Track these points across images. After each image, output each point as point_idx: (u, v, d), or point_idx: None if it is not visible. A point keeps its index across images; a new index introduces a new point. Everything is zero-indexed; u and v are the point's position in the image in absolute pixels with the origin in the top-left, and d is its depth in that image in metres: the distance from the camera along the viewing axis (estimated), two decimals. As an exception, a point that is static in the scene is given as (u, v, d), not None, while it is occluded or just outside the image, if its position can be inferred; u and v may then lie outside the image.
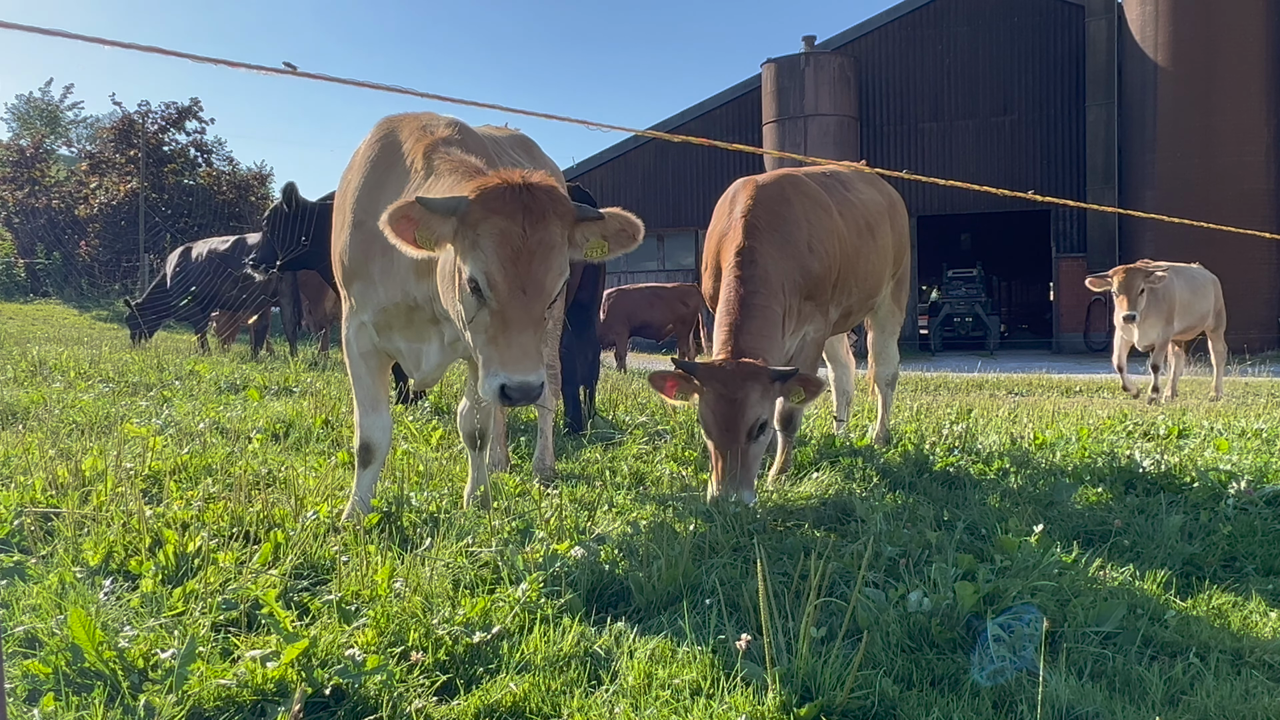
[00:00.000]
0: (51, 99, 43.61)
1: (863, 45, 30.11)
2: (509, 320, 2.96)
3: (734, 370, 4.11)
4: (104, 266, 29.08)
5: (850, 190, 5.53)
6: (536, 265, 2.97)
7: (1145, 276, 10.45)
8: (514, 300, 2.95)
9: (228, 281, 12.92)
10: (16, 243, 30.14)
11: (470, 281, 3.01)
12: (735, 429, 4.07)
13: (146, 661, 2.34)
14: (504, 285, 2.95)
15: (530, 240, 2.96)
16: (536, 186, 3.01)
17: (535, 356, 2.99)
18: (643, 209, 13.42)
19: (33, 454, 4.30)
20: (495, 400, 2.99)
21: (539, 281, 2.98)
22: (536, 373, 2.98)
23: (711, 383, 4.12)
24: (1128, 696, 2.40)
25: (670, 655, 2.52)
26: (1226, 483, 4.37)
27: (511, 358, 2.96)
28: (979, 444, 5.82)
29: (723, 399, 4.07)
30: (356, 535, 3.28)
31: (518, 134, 5.04)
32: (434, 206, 3.02)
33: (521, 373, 2.95)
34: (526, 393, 2.96)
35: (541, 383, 3.00)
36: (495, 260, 2.95)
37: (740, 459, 4.06)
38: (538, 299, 2.98)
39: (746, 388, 4.07)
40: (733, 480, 4.02)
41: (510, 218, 2.96)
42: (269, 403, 6.73)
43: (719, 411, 4.08)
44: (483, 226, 2.97)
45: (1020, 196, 4.94)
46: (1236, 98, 24.25)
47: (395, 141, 3.67)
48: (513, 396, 2.96)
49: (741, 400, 4.06)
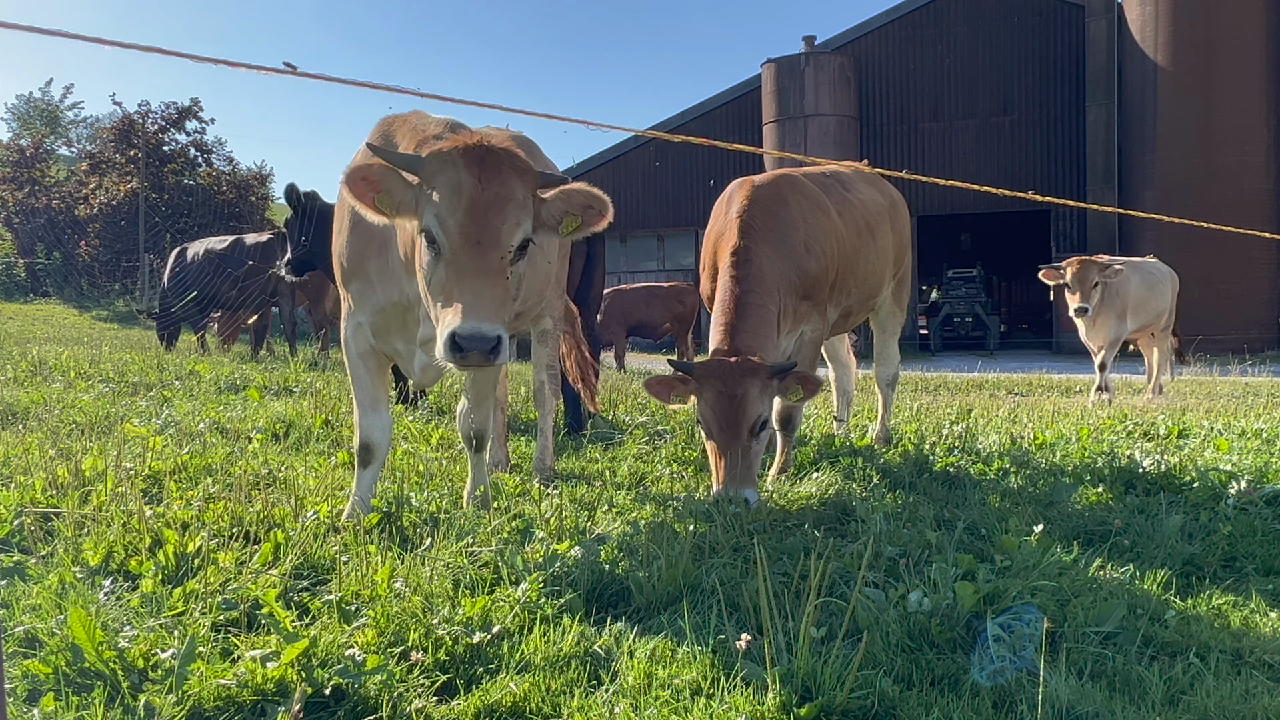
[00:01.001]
0: (51, 99, 43.66)
1: (863, 45, 30.11)
2: (462, 270, 2.88)
3: (732, 367, 4.10)
4: (104, 266, 29.09)
5: (850, 190, 5.53)
6: (492, 215, 2.92)
7: (1101, 269, 10.13)
8: (468, 248, 2.89)
9: (226, 282, 12.91)
10: (16, 243, 30.15)
11: (425, 233, 2.97)
12: (737, 427, 4.06)
13: (146, 661, 2.34)
14: (457, 232, 2.90)
15: (486, 191, 2.92)
16: (494, 146, 3.00)
17: (490, 306, 2.84)
18: (643, 209, 13.58)
19: (33, 454, 4.30)
20: (447, 355, 2.81)
21: (494, 231, 2.92)
22: (491, 323, 2.80)
23: (710, 381, 4.11)
24: (1128, 696, 2.40)
25: (670, 655, 2.52)
26: (1226, 483, 4.37)
27: (465, 305, 2.82)
28: (979, 444, 5.82)
29: (722, 396, 4.06)
30: (356, 535, 3.28)
31: (519, 135, 5.04)
32: (391, 159, 3.00)
33: (474, 319, 2.79)
34: (479, 341, 2.77)
35: (498, 335, 2.80)
36: (448, 207, 2.92)
37: (742, 457, 4.06)
38: (493, 248, 2.91)
39: (745, 384, 4.06)
40: (735, 479, 4.02)
41: (465, 169, 2.94)
42: (269, 403, 6.73)
43: (719, 409, 4.07)
44: (438, 179, 2.96)
45: (1020, 196, 4.94)
46: (1236, 98, 24.26)
47: (391, 144, 3.67)
48: (463, 345, 2.77)
49: (741, 397, 4.05)
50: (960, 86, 29.42)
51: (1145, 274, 11.28)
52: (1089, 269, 10.12)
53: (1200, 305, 23.76)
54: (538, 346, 5.26)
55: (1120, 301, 10.64)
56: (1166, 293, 11.54)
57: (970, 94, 29.35)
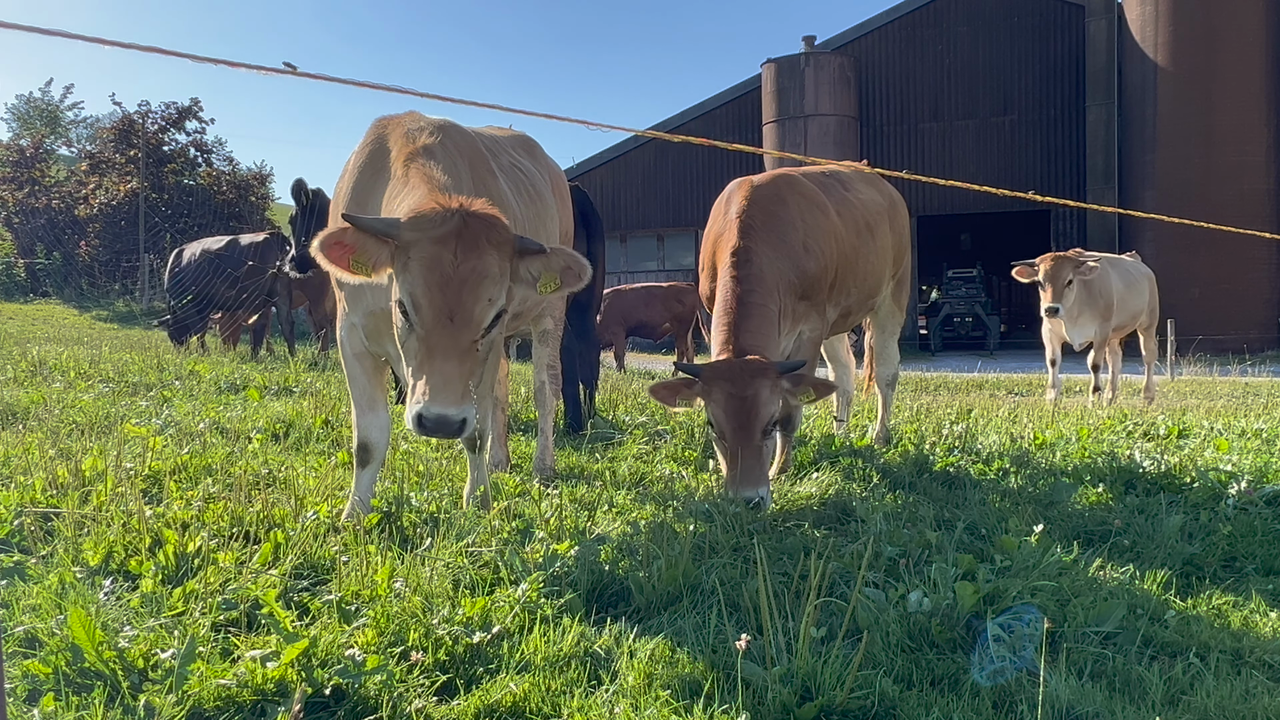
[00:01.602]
0: (51, 99, 43.69)
1: (863, 45, 30.13)
2: (433, 348, 2.87)
3: (741, 368, 4.09)
4: (104, 266, 29.09)
5: (849, 190, 5.53)
6: (466, 293, 2.88)
7: (1075, 266, 9.66)
8: (439, 327, 2.87)
9: (224, 282, 12.92)
10: (16, 243, 30.16)
11: (399, 304, 2.95)
12: (749, 427, 4.04)
13: (146, 661, 2.34)
14: (429, 310, 2.88)
15: (461, 267, 2.88)
16: (473, 214, 2.95)
17: (458, 389, 2.85)
18: (643, 209, 13.57)
19: (33, 454, 4.30)
20: (413, 429, 2.87)
21: (467, 310, 2.88)
22: (458, 407, 2.83)
23: (719, 383, 4.09)
24: (1128, 696, 2.40)
25: (670, 655, 2.52)
26: (1226, 483, 4.37)
27: (432, 388, 2.84)
28: (979, 444, 5.82)
29: (734, 398, 4.04)
30: (356, 535, 3.28)
31: (520, 135, 5.04)
32: (366, 227, 2.97)
33: (440, 404, 2.82)
34: (443, 426, 2.82)
35: (463, 419, 2.84)
36: (421, 284, 2.88)
37: (754, 457, 4.05)
38: (465, 328, 2.89)
39: (756, 385, 4.05)
40: (750, 479, 4.00)
41: (441, 243, 2.89)
42: (269, 403, 6.73)
43: (731, 411, 4.05)
44: (413, 250, 2.91)
45: (1020, 196, 4.94)
46: (1236, 98, 24.27)
47: (384, 148, 3.67)
48: (427, 427, 2.83)
49: (753, 398, 4.04)
50: (960, 86, 29.44)
51: (1123, 271, 10.95)
52: (1062, 266, 9.68)
53: (1200, 305, 23.82)
54: (538, 346, 5.25)
55: (1103, 301, 10.30)
56: (1144, 291, 11.20)
57: (970, 94, 29.37)
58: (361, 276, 3.04)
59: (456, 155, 3.72)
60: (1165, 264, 24.80)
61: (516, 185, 4.30)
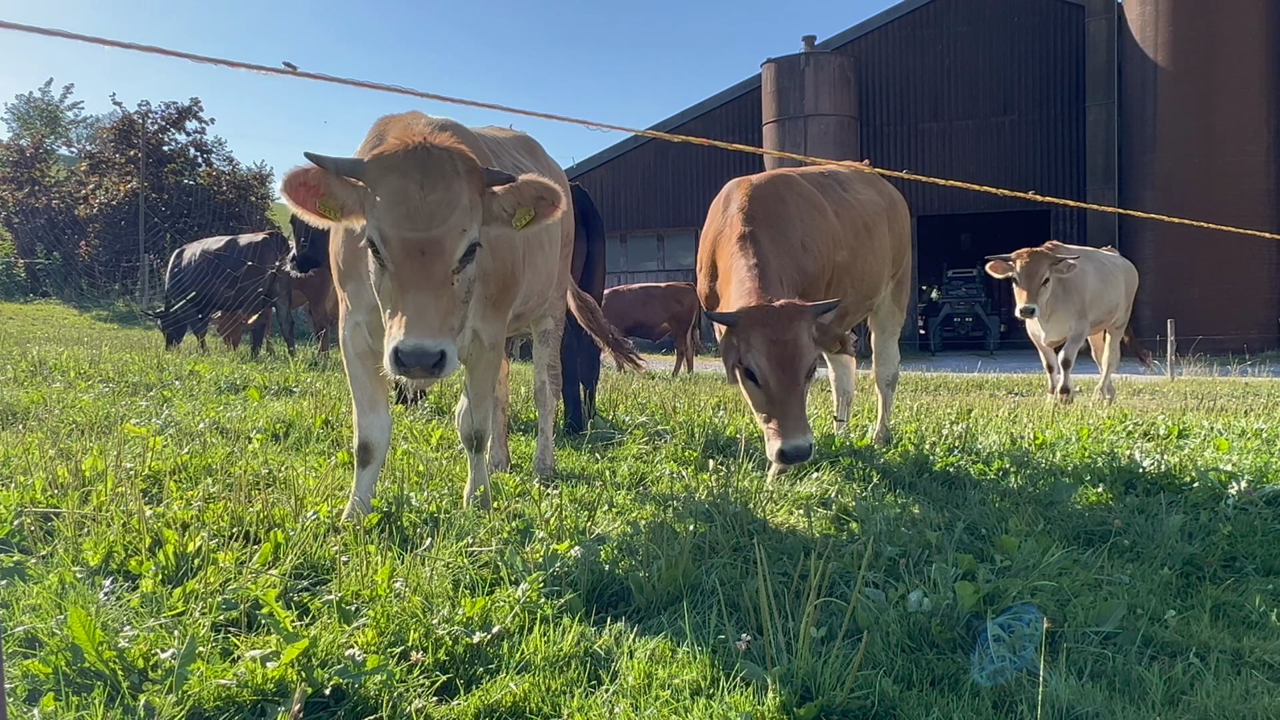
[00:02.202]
0: (51, 99, 43.71)
1: (863, 45, 30.13)
2: (405, 282, 2.83)
3: (778, 311, 4.02)
4: (104, 266, 29.10)
5: (848, 191, 5.53)
6: (435, 224, 2.84)
7: (1053, 264, 9.16)
8: (409, 260, 2.83)
9: (223, 282, 12.93)
10: (16, 243, 30.17)
11: (369, 243, 2.92)
12: (795, 370, 3.98)
13: (146, 661, 2.34)
14: (398, 244, 2.84)
15: (429, 198, 2.85)
16: (436, 146, 2.93)
17: (434, 321, 2.78)
18: (643, 209, 13.55)
19: (33, 454, 4.30)
20: (391, 369, 2.79)
21: (437, 241, 2.85)
22: (435, 338, 2.75)
23: (758, 329, 4.02)
24: (1128, 696, 2.40)
25: (670, 655, 2.52)
26: (1226, 483, 4.37)
27: (408, 319, 2.77)
28: (979, 444, 5.82)
29: (775, 343, 3.98)
30: (356, 535, 3.28)
31: (521, 135, 5.04)
32: (330, 165, 2.94)
33: (416, 334, 2.74)
34: (420, 357, 2.74)
35: (441, 351, 2.76)
36: (389, 218, 2.85)
37: (801, 403, 4.00)
38: (437, 259, 2.84)
39: (796, 327, 4.00)
40: (798, 428, 3.96)
41: (405, 175, 2.86)
42: (269, 403, 6.73)
43: (774, 355, 3.98)
44: (379, 185, 2.89)
45: (1020, 196, 4.94)
46: (1236, 98, 24.28)
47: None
48: (404, 361, 2.74)
49: (794, 340, 3.99)
50: (960, 86, 29.44)
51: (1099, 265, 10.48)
52: (1038, 263, 9.12)
53: (1200, 305, 23.83)
54: (539, 346, 5.25)
55: (1078, 297, 9.81)
56: (1119, 285, 10.67)
57: (970, 94, 29.37)
58: (330, 221, 3.00)
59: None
60: (1165, 264, 24.88)
61: None
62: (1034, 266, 9.09)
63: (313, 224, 3.05)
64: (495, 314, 3.87)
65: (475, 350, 3.89)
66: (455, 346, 2.87)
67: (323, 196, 2.97)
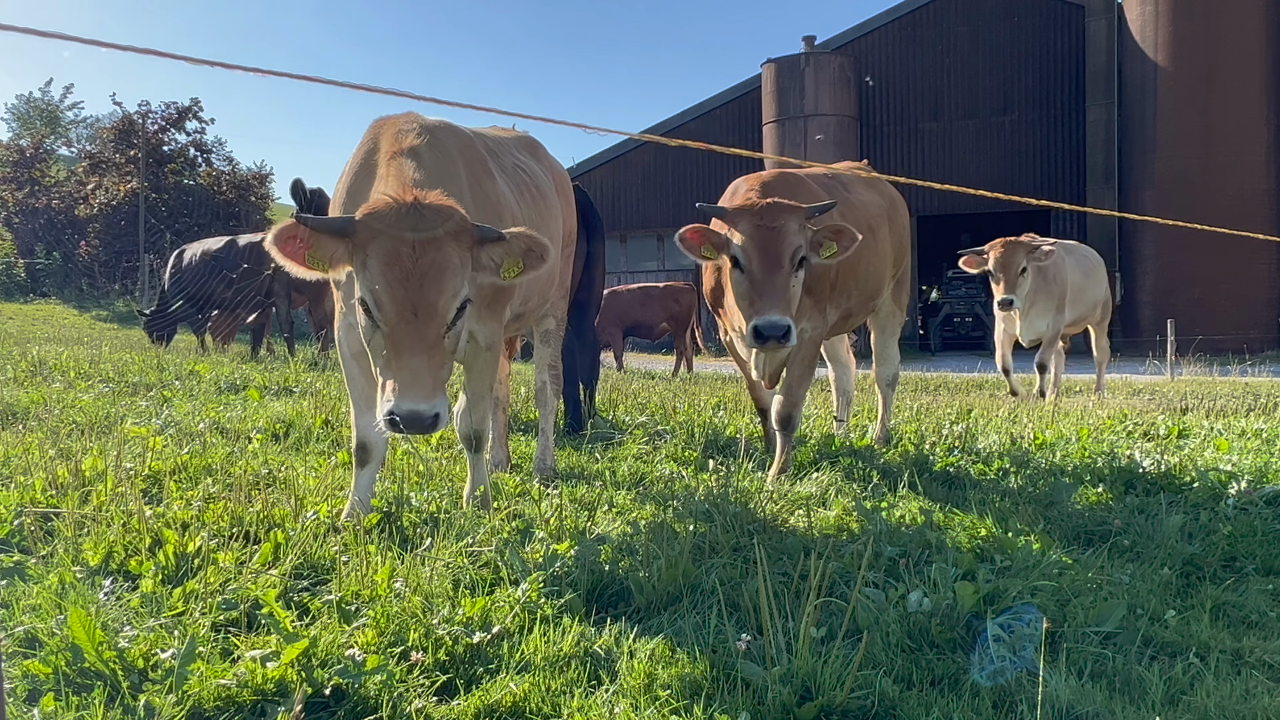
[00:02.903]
0: (51, 99, 43.71)
1: (863, 45, 30.12)
2: (398, 344, 2.85)
3: (769, 204, 4.09)
4: (104, 266, 29.11)
5: (850, 192, 5.53)
6: (428, 287, 2.86)
7: (1029, 252, 8.74)
8: (403, 323, 2.85)
9: (222, 282, 12.94)
10: (16, 243, 30.18)
11: (361, 303, 2.94)
12: (778, 255, 4.02)
13: (146, 661, 2.34)
14: (391, 307, 2.86)
15: (421, 261, 2.86)
16: (427, 206, 2.94)
17: (428, 384, 2.83)
18: (643, 209, 13.55)
19: (33, 454, 4.30)
20: (386, 430, 2.84)
21: (430, 304, 2.86)
22: (429, 401, 2.81)
23: (747, 217, 4.09)
24: (1128, 696, 2.40)
25: (670, 655, 2.52)
26: (1226, 483, 4.37)
27: (401, 384, 2.81)
28: (979, 444, 5.82)
29: (761, 229, 4.05)
30: (356, 535, 3.28)
31: (524, 136, 5.04)
32: (319, 226, 2.95)
33: (411, 400, 2.79)
34: (415, 422, 2.79)
35: (435, 414, 2.81)
36: (382, 281, 2.86)
37: (784, 286, 4.02)
38: (430, 322, 2.86)
39: (784, 218, 4.05)
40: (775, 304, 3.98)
41: (397, 238, 2.87)
42: (269, 403, 6.73)
43: (759, 240, 4.04)
44: (371, 247, 2.90)
45: (1016, 200, 4.94)
46: (1236, 98, 24.28)
47: (376, 147, 3.68)
48: (400, 426, 2.79)
49: (781, 228, 4.03)
50: (960, 86, 29.43)
51: (1080, 258, 10.02)
52: (1015, 252, 8.69)
53: (1200, 305, 23.83)
54: (540, 346, 5.25)
55: (1058, 289, 9.32)
56: (1102, 280, 10.31)
57: (970, 94, 29.36)
58: (319, 272, 3.02)
59: (451, 155, 3.71)
60: (1165, 264, 24.88)
61: (519, 186, 4.30)
62: (1010, 256, 8.75)
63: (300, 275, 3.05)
64: (492, 315, 3.87)
65: (472, 351, 3.88)
66: (447, 403, 2.91)
67: (311, 249, 2.98)
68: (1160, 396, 11.49)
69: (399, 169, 3.40)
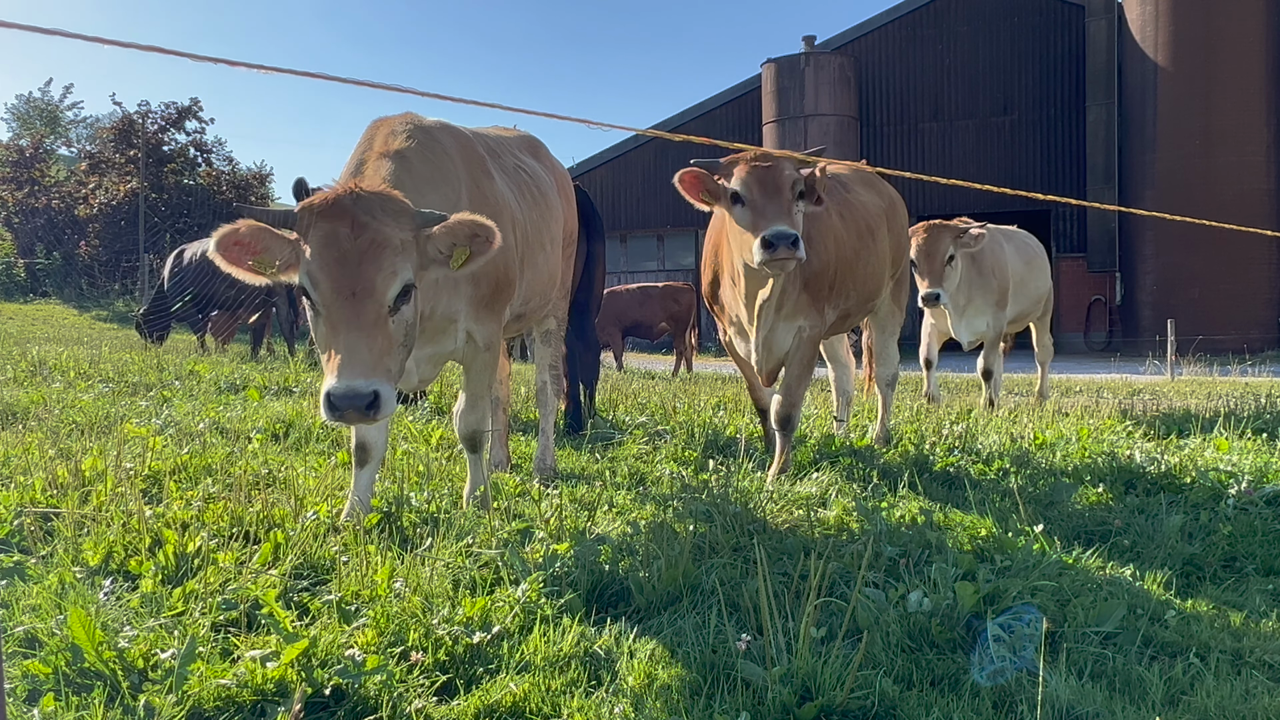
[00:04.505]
0: (51, 99, 43.70)
1: (863, 45, 30.11)
2: (336, 323, 2.81)
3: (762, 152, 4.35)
4: (104, 266, 29.10)
5: (849, 192, 5.53)
6: (365, 265, 2.84)
7: (955, 236, 7.33)
8: (341, 302, 2.82)
9: (222, 282, 12.93)
10: (16, 243, 30.17)
11: (300, 290, 2.92)
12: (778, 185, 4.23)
13: (146, 661, 2.34)
14: (328, 287, 2.84)
15: (359, 240, 2.85)
16: (366, 192, 2.95)
17: (367, 361, 2.75)
18: (643, 209, 13.53)
19: (33, 454, 4.30)
20: (325, 414, 2.75)
21: (368, 281, 2.83)
22: (367, 378, 2.72)
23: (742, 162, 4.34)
24: (1128, 696, 2.40)
25: (670, 655, 2.52)
26: (1226, 483, 4.37)
27: (340, 362, 2.74)
28: (979, 444, 5.82)
29: (758, 167, 4.28)
30: (356, 535, 3.28)
31: (526, 135, 5.04)
32: (263, 218, 2.95)
33: (348, 376, 2.71)
34: (352, 399, 2.69)
35: (373, 391, 2.72)
36: (318, 262, 2.85)
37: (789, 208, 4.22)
38: (368, 299, 2.83)
39: (780, 162, 4.32)
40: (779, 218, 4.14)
41: (335, 220, 2.87)
42: (269, 403, 6.73)
43: (758, 174, 4.26)
44: (310, 233, 2.90)
45: (1021, 195, 4.94)
46: (1236, 98, 24.26)
47: (370, 148, 3.68)
48: (337, 404, 2.70)
49: (777, 164, 4.28)
50: (960, 86, 29.42)
51: (1021, 245, 8.69)
52: (939, 237, 7.25)
53: (1200, 305, 23.81)
54: (540, 347, 5.25)
55: (998, 282, 8.00)
56: (1045, 271, 9.01)
57: (970, 94, 29.35)
58: (264, 278, 2.99)
59: (449, 155, 3.71)
60: (1165, 264, 24.88)
61: (520, 186, 4.30)
62: (933, 242, 7.27)
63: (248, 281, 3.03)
64: (489, 314, 3.86)
65: (470, 351, 3.88)
66: (392, 388, 2.83)
67: (258, 254, 2.96)
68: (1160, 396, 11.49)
69: (375, 170, 3.40)
